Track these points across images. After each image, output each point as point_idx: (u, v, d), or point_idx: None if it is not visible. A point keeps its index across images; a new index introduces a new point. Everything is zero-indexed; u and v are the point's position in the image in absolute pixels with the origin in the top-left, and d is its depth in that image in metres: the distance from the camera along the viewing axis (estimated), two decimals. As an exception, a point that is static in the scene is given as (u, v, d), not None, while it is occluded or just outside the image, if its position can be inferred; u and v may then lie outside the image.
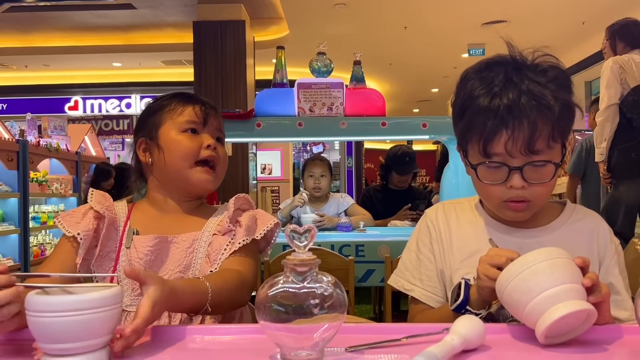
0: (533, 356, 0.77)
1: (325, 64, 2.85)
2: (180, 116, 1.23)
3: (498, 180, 1.01)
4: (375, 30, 7.55)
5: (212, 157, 1.23)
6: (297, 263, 0.74)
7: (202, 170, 1.22)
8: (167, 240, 1.18)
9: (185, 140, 1.22)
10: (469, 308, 0.96)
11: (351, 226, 3.03)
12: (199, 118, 1.24)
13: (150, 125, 1.25)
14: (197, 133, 1.23)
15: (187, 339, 0.87)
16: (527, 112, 0.95)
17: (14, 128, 4.86)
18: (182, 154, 1.21)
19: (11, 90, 10.06)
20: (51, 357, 0.72)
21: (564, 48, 8.74)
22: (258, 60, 7.21)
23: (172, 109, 1.24)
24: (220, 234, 1.20)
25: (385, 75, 10.08)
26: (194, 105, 1.25)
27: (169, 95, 1.29)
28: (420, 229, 1.20)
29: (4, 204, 4.53)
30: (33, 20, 6.98)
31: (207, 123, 1.25)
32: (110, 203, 1.24)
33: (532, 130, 0.96)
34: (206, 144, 1.22)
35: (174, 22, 7.04)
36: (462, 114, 1.03)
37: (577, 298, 0.78)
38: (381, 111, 2.83)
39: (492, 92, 0.98)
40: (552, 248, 0.84)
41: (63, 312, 0.70)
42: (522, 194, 1.00)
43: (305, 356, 0.73)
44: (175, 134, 1.22)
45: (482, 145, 0.99)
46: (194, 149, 1.21)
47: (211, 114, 1.26)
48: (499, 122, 0.96)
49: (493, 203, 1.06)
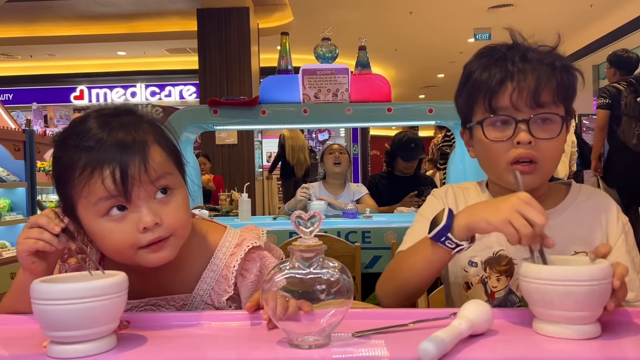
0: (540, 341, 0.76)
1: (330, 50, 2.83)
2: (90, 195, 0.85)
3: (505, 136, 0.99)
4: (381, 15, 7.49)
5: (156, 240, 0.88)
6: (304, 249, 0.74)
7: (147, 252, 0.89)
8: (148, 304, 0.98)
9: (111, 230, 0.87)
10: (449, 236, 0.89)
11: (357, 212, 3.03)
12: (117, 190, 0.84)
13: (65, 199, 0.90)
14: (125, 209, 0.87)
15: (195, 324, 0.87)
16: (531, 65, 0.98)
17: (20, 118, 4.87)
18: (114, 249, 0.89)
19: (17, 80, 10.09)
20: (58, 344, 0.73)
21: (571, 31, 8.65)
22: (262, 47, 7.18)
23: (77, 183, 0.86)
24: (214, 306, 1.00)
25: (390, 61, 10.01)
26: (102, 171, 0.84)
27: (75, 144, 0.87)
28: (431, 204, 1.17)
29: (12, 194, 4.57)
30: (37, 10, 6.97)
31: (132, 192, 0.85)
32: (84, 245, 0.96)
33: (537, 82, 0.97)
34: (141, 227, 0.86)
35: (178, 9, 7.01)
36: (466, 81, 1.04)
37: (594, 324, 0.77)
38: (387, 97, 2.81)
39: (495, 58, 1.01)
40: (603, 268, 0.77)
41: (68, 300, 0.70)
42: (530, 152, 0.98)
43: (312, 341, 0.73)
44: (96, 222, 0.87)
45: (487, 100, 0.99)
46: (127, 238, 0.87)
47: (136, 171, 0.85)
48: (504, 75, 0.98)
49: (499, 167, 1.02)
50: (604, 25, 8.24)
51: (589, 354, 0.72)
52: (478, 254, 1.08)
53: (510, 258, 1.06)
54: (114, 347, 0.75)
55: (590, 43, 8.83)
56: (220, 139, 6.38)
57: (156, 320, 0.88)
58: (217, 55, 6.43)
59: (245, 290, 1.00)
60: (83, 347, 0.72)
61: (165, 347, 0.77)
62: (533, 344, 0.76)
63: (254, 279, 1.00)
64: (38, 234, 0.86)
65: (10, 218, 4.39)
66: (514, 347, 0.76)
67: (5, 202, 4.52)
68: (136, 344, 0.77)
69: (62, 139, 0.90)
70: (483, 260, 1.08)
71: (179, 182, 0.94)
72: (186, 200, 0.95)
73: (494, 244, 1.07)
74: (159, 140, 0.92)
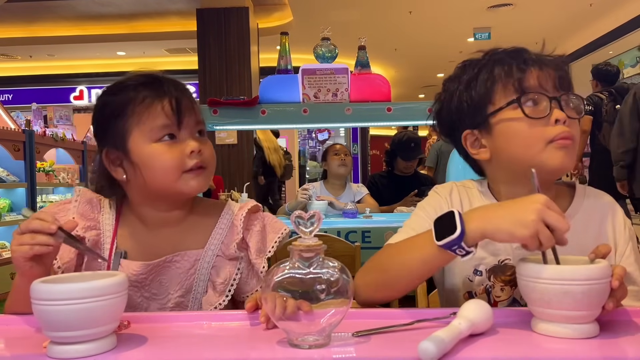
0: (540, 340, 0.76)
1: (330, 50, 2.83)
2: (149, 121, 1.00)
3: (540, 113, 0.95)
4: (380, 15, 7.49)
5: (197, 166, 1.03)
6: (303, 249, 0.74)
7: (190, 177, 1.02)
8: (165, 262, 1.05)
9: (163, 152, 1.01)
10: (462, 244, 0.81)
11: (357, 212, 3.03)
12: (172, 119, 1.01)
13: (114, 134, 1.02)
14: (175, 138, 1.02)
15: (194, 324, 0.87)
16: (545, 59, 0.99)
17: (19, 118, 4.87)
18: (163, 170, 1.01)
19: (16, 81, 10.08)
20: (58, 344, 0.73)
21: (571, 31, 8.65)
22: (262, 47, 7.18)
23: (137, 112, 1.01)
24: (226, 258, 1.08)
25: (390, 61, 10.01)
26: (162, 101, 1.01)
27: (128, 85, 1.03)
28: (434, 200, 1.11)
29: (12, 194, 4.57)
30: (37, 10, 6.97)
31: (183, 122, 1.02)
32: (95, 214, 1.08)
33: (557, 70, 0.99)
34: (189, 150, 1.01)
35: (177, 9, 7.01)
36: (479, 71, 1.01)
37: (592, 323, 0.77)
38: (386, 97, 2.81)
39: (509, 50, 1.02)
40: (601, 268, 0.76)
41: (67, 301, 0.70)
42: (567, 129, 0.95)
43: (312, 341, 0.73)
44: (149, 147, 1.01)
45: (516, 82, 0.97)
46: (176, 160, 1.01)
47: (186, 106, 1.03)
48: (524, 63, 0.98)
49: (536, 149, 0.95)
50: (603, 25, 8.24)
51: (588, 353, 0.72)
52: (484, 261, 1.03)
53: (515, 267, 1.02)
54: (114, 347, 0.75)
55: (589, 42, 8.83)
56: (220, 139, 6.38)
57: (156, 320, 0.88)
58: (217, 55, 6.43)
59: (252, 240, 1.09)
60: (83, 347, 0.72)
61: (166, 347, 0.77)
62: (533, 343, 0.76)
63: (259, 229, 1.11)
64: (31, 239, 0.85)
65: (10, 218, 4.39)
66: (514, 346, 0.76)
67: (5, 203, 4.52)
68: (136, 344, 0.77)
69: (110, 88, 1.05)
70: (488, 269, 1.03)
71: None
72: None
73: (501, 252, 1.03)
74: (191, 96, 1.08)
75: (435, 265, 0.91)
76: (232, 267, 1.08)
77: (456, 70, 1.07)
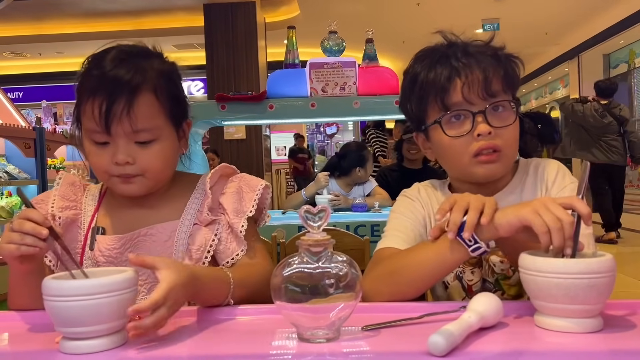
0: (550, 333, 0.76)
1: (337, 43, 2.82)
2: (84, 119, 0.98)
3: (464, 131, 0.99)
4: (387, 7, 7.45)
5: (124, 176, 0.99)
6: (312, 243, 0.74)
7: (119, 181, 1.00)
8: (140, 235, 1.04)
9: (94, 154, 1.00)
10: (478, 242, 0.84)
11: (366, 206, 3.03)
12: (100, 125, 0.95)
13: (76, 117, 1.02)
14: (106, 143, 0.98)
15: (205, 319, 0.88)
16: (475, 59, 0.99)
17: (30, 116, 4.91)
18: (95, 169, 1.02)
19: (26, 79, 10.15)
20: (69, 340, 0.73)
21: (580, 20, 8.56)
22: (269, 42, 7.17)
23: (82, 103, 0.97)
24: (202, 225, 1.05)
25: (398, 54, 9.93)
26: (95, 102, 0.94)
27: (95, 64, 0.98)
28: (406, 203, 1.13)
29: (24, 191, 4.60)
30: (45, 7, 7.01)
31: (112, 130, 0.95)
32: (77, 196, 1.10)
33: (485, 74, 0.98)
34: (114, 160, 0.98)
35: (184, 5, 7.01)
36: (413, 85, 1.04)
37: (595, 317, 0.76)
38: (395, 89, 2.79)
39: (435, 59, 1.02)
40: (601, 261, 0.75)
41: (78, 297, 0.71)
42: (492, 142, 0.98)
43: (321, 335, 0.74)
44: (86, 142, 1.00)
45: (439, 99, 1.00)
46: (103, 165, 0.99)
47: (120, 112, 0.94)
48: (450, 72, 0.98)
49: (463, 162, 1.01)
50: (613, 14, 8.13)
51: (594, 347, 0.71)
52: None
53: None
54: (124, 343, 0.76)
55: (600, 32, 8.72)
56: (228, 134, 6.39)
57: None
58: (224, 50, 6.43)
59: (227, 201, 1.06)
60: (94, 343, 0.73)
61: (176, 342, 0.77)
62: (543, 337, 0.76)
63: (235, 190, 1.08)
64: (20, 239, 0.85)
65: (22, 215, 4.43)
66: (524, 340, 0.75)
67: (17, 200, 4.56)
68: (147, 339, 0.78)
69: (88, 59, 1.01)
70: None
71: (166, 134, 1.02)
72: (166, 150, 1.02)
73: None
74: (158, 89, 0.99)
75: (449, 264, 0.90)
76: (209, 233, 1.05)
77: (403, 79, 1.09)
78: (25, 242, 0.85)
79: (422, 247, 0.96)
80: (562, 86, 11.71)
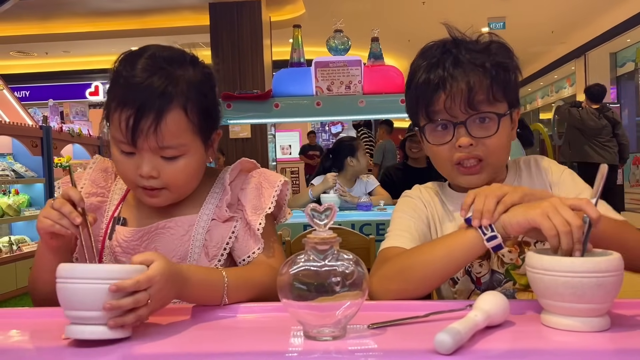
0: (557, 332, 0.76)
1: (343, 42, 2.82)
2: (112, 127, 0.98)
3: (445, 140, 1.02)
4: (393, 6, 7.44)
5: (149, 188, 0.99)
6: (318, 241, 0.74)
7: (144, 193, 1.01)
8: (157, 228, 1.04)
9: (121, 161, 0.99)
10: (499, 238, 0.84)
11: (371, 205, 3.03)
12: (126, 138, 0.95)
13: (106, 116, 1.02)
14: (132, 154, 0.98)
15: (209, 315, 0.88)
16: (462, 70, 1.00)
17: (37, 114, 4.94)
18: (122, 176, 1.04)
19: (33, 77, 10.21)
20: (75, 325, 0.74)
21: (587, 19, 8.51)
22: (275, 41, 7.17)
23: (112, 109, 0.97)
24: (220, 221, 1.05)
25: (403, 52, 9.92)
26: (123, 113, 0.93)
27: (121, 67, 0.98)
28: (409, 203, 1.14)
29: (31, 190, 4.64)
30: (51, 7, 7.04)
31: (139, 144, 0.95)
32: (108, 183, 1.12)
33: (468, 87, 0.99)
34: (138, 172, 0.98)
35: (190, 4, 7.03)
36: (410, 84, 1.07)
37: (602, 316, 0.76)
38: (400, 88, 2.79)
39: (430, 62, 1.03)
40: (612, 259, 0.75)
41: (87, 280, 0.72)
42: (472, 153, 1.01)
43: (328, 333, 0.74)
44: (114, 149, 1.00)
45: (424, 108, 1.03)
46: (130, 175, 0.99)
47: (147, 128, 0.93)
48: (436, 85, 1.00)
49: (446, 168, 1.06)
50: (620, 13, 8.09)
51: (601, 346, 0.71)
52: None
53: None
54: (128, 336, 0.76)
55: (606, 30, 8.68)
56: (234, 133, 6.40)
57: (171, 310, 0.89)
58: (230, 49, 6.44)
59: (247, 198, 1.06)
60: (98, 329, 0.73)
61: (180, 338, 0.77)
62: (549, 336, 0.76)
63: (255, 186, 1.08)
64: (57, 218, 0.90)
65: (30, 213, 4.45)
66: (530, 338, 0.75)
67: (24, 198, 4.58)
68: (151, 333, 0.78)
69: (120, 58, 0.99)
70: None
71: (193, 149, 1.01)
72: (192, 164, 1.01)
73: None
74: (188, 105, 0.97)
75: (463, 256, 0.90)
76: (227, 230, 1.05)
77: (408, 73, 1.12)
78: (61, 222, 0.90)
79: (431, 244, 0.98)
80: (568, 85, 11.67)
